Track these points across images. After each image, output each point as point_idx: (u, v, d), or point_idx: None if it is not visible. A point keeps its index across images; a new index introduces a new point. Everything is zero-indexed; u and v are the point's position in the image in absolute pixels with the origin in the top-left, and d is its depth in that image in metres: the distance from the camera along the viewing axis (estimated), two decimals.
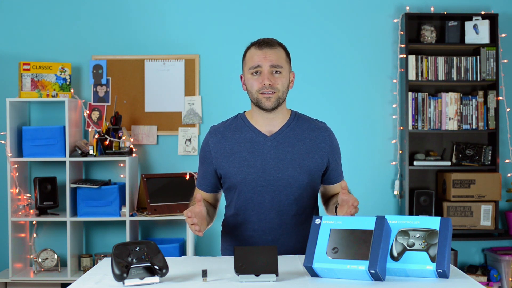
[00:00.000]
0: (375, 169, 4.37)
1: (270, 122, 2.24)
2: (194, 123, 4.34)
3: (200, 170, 2.33)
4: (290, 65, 2.27)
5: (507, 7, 4.39)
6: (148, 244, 1.75)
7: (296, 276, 1.78)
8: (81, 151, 4.07)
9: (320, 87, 4.37)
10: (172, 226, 4.34)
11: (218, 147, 2.25)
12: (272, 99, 2.18)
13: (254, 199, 2.21)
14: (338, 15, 4.39)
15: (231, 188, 2.26)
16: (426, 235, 1.74)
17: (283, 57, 2.22)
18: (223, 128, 2.28)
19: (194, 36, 4.36)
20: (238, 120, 2.29)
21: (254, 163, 2.20)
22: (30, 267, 4.22)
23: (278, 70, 2.18)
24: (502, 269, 4.16)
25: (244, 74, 2.25)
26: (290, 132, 2.24)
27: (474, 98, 4.27)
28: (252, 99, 2.23)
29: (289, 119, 2.28)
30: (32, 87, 4.10)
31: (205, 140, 2.30)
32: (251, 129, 2.25)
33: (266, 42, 2.21)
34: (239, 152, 2.22)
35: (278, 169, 2.19)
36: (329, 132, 2.30)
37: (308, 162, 2.22)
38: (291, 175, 2.19)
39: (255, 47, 2.21)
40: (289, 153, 2.21)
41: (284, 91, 2.21)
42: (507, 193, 4.34)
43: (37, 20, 4.36)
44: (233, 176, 2.21)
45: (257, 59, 2.18)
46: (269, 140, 2.22)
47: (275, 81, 2.18)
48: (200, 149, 2.33)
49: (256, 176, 2.19)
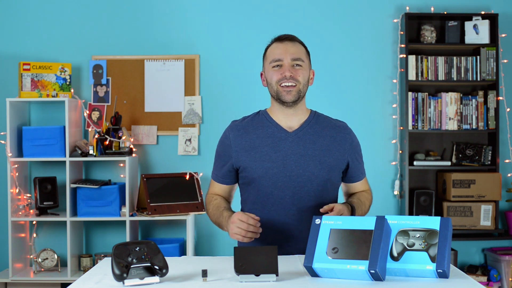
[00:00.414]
0: (375, 169, 4.37)
1: (290, 118, 2.25)
2: (194, 123, 4.34)
3: (217, 163, 2.31)
4: (310, 62, 2.29)
5: (507, 7, 4.39)
6: (148, 244, 1.75)
7: (296, 276, 1.78)
8: (81, 151, 4.07)
9: (320, 87, 4.36)
10: (172, 226, 4.34)
11: (239, 141, 2.24)
12: (293, 92, 2.20)
13: (275, 195, 2.20)
14: (338, 15, 4.39)
15: (250, 183, 2.24)
16: (426, 235, 1.74)
17: (303, 52, 2.24)
18: (245, 123, 2.28)
19: (194, 36, 4.36)
20: (260, 116, 2.30)
21: (275, 158, 2.19)
22: (30, 267, 4.22)
23: (299, 64, 2.20)
24: (502, 269, 4.16)
25: (264, 69, 2.27)
26: (311, 129, 2.26)
27: (474, 98, 4.26)
28: (272, 93, 2.24)
29: (309, 116, 2.30)
30: (32, 87, 4.10)
31: (225, 134, 2.29)
32: (273, 125, 2.25)
33: (287, 37, 2.24)
34: (260, 147, 2.22)
35: (299, 165, 2.19)
36: (349, 131, 2.33)
37: (328, 159, 2.22)
38: (312, 171, 2.19)
39: (276, 42, 2.24)
40: (310, 149, 2.21)
41: (305, 84, 2.23)
42: (507, 193, 4.34)
43: (37, 20, 4.36)
44: (254, 171, 2.20)
45: (278, 52, 2.21)
46: (291, 136, 2.23)
47: (296, 73, 2.19)
48: (220, 143, 2.31)
49: (277, 171, 2.19)
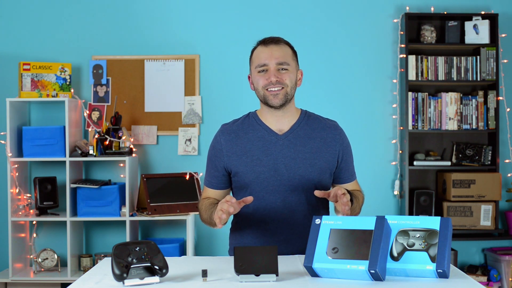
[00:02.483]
0: (375, 169, 4.37)
1: (279, 120, 2.23)
2: (194, 123, 4.34)
3: (209, 168, 2.28)
4: (297, 63, 2.26)
5: (507, 7, 4.39)
6: (148, 244, 1.75)
7: (296, 276, 1.78)
8: (81, 151, 4.07)
9: (320, 87, 4.37)
10: (172, 226, 4.34)
11: (230, 146, 2.22)
12: (280, 96, 2.17)
13: (266, 199, 2.19)
14: (338, 15, 4.39)
15: (242, 187, 2.23)
16: (426, 235, 1.74)
17: (289, 54, 2.21)
18: (236, 127, 2.26)
19: (194, 36, 4.36)
20: (250, 119, 2.27)
21: (266, 163, 2.18)
22: (30, 267, 4.22)
23: (285, 68, 2.18)
24: (502, 269, 4.16)
25: (251, 73, 2.25)
26: (301, 131, 2.23)
27: (474, 98, 4.26)
28: (259, 97, 2.22)
29: (299, 117, 2.26)
30: (32, 87, 4.10)
31: (216, 139, 2.27)
32: (263, 128, 2.23)
33: (272, 40, 2.21)
34: (251, 151, 2.20)
35: (290, 169, 2.18)
36: (339, 131, 2.29)
37: (319, 161, 2.20)
38: (303, 175, 2.17)
39: (261, 45, 2.21)
40: (301, 152, 2.19)
41: (292, 87, 2.19)
42: (507, 193, 4.34)
43: (37, 20, 4.36)
44: (245, 176, 2.19)
45: (263, 56, 2.18)
46: (281, 139, 2.21)
47: (282, 77, 2.17)
48: (211, 147, 2.29)
49: (268, 176, 2.18)
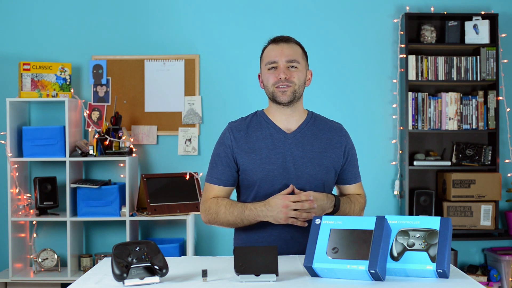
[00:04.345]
0: (375, 169, 4.37)
1: (287, 119, 2.25)
2: (194, 123, 4.33)
3: (218, 165, 2.25)
4: (307, 63, 2.29)
5: (507, 7, 4.39)
6: (148, 244, 1.75)
7: (296, 276, 1.78)
8: (81, 151, 4.07)
9: (320, 87, 4.37)
10: (172, 226, 4.34)
11: (239, 143, 2.22)
12: (288, 93, 2.19)
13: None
14: (338, 15, 4.39)
15: (249, 185, 2.23)
16: (426, 235, 1.74)
17: (299, 53, 2.24)
18: (244, 125, 2.27)
19: (194, 36, 4.36)
20: (258, 117, 2.29)
21: (275, 161, 2.19)
22: (30, 267, 4.22)
23: (294, 66, 2.21)
24: (502, 269, 4.16)
25: (261, 71, 2.28)
26: (309, 131, 2.25)
27: (474, 98, 4.26)
28: (268, 94, 2.24)
29: (307, 118, 2.29)
30: (32, 87, 4.10)
31: (225, 135, 2.26)
32: (272, 126, 2.25)
33: (283, 39, 2.24)
34: (260, 149, 2.21)
35: (297, 167, 2.19)
36: (345, 133, 2.33)
37: (325, 161, 2.22)
38: (310, 173, 2.19)
39: (272, 43, 2.25)
40: (308, 151, 2.21)
41: (300, 85, 2.22)
42: (507, 193, 4.34)
43: (37, 20, 4.36)
44: (254, 173, 2.19)
45: (273, 54, 2.21)
46: (289, 138, 2.23)
47: (291, 75, 2.20)
48: (218, 144, 2.27)
49: (277, 174, 2.18)
